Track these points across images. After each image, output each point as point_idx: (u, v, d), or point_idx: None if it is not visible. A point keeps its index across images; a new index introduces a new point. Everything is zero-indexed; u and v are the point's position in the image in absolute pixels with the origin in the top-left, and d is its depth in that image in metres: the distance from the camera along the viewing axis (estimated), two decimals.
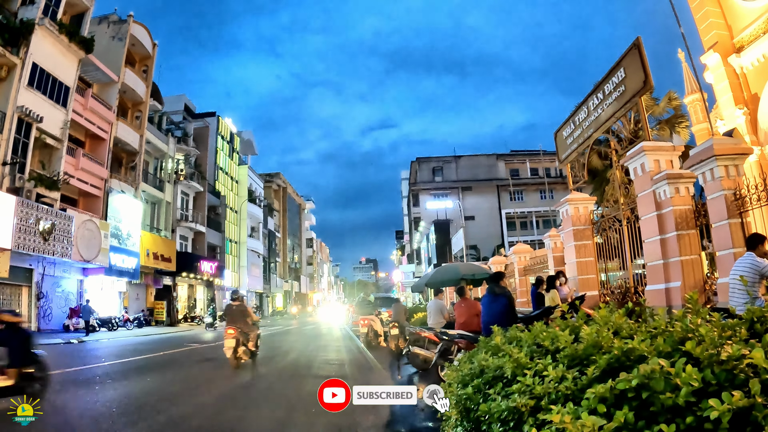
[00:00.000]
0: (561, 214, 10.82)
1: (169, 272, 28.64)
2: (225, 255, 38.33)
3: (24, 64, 17.94)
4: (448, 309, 9.85)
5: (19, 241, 16.53)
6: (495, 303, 5.88)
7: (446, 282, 12.26)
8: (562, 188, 35.63)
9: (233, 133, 43.70)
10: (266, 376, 8.25)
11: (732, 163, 6.29)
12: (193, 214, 33.35)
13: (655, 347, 1.59)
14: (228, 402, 5.88)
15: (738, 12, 10.65)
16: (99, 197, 22.87)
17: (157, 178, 29.46)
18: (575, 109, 10.62)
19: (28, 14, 18.30)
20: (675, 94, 18.07)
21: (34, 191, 18.07)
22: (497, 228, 43.22)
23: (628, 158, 8.10)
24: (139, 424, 4.84)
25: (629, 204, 8.67)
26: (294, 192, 66.57)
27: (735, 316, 1.81)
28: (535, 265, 13.64)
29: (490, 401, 1.89)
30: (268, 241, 49.94)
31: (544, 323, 2.64)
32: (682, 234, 7.09)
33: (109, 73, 23.58)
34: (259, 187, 49.94)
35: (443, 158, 49.01)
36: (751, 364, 1.34)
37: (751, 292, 3.99)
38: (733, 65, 10.70)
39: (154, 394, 6.37)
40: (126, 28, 25.65)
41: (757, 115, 10.26)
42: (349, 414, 4.78)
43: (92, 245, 20.76)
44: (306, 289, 68.54)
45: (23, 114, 17.64)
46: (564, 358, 1.87)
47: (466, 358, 2.67)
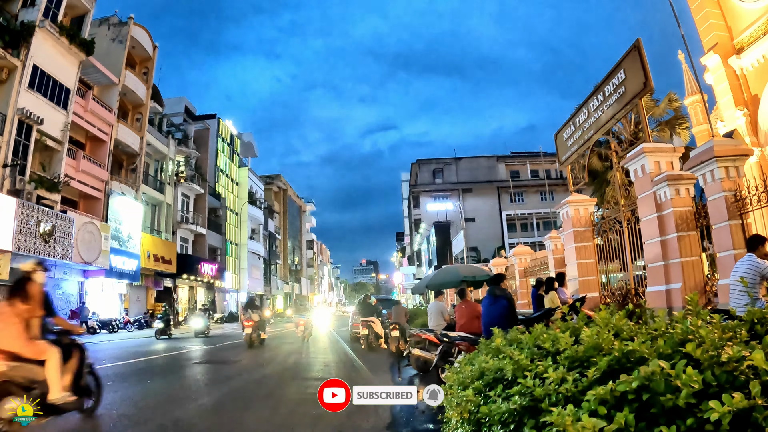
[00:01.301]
0: (561, 216, 10.81)
1: (169, 274, 28.66)
2: (225, 257, 38.35)
3: (24, 66, 17.99)
4: (448, 311, 9.84)
5: (19, 242, 16.55)
6: (495, 305, 5.87)
7: (447, 284, 12.24)
8: (562, 190, 35.61)
9: (234, 135, 43.77)
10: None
11: (732, 164, 6.29)
12: (193, 216, 33.39)
13: (655, 349, 1.59)
14: (228, 402, 5.87)
15: (738, 13, 10.66)
16: (99, 199, 22.90)
17: (158, 180, 29.49)
18: (575, 111, 10.63)
19: (29, 16, 18.35)
20: (675, 95, 18.10)
21: (34, 193, 18.09)
22: (497, 230, 43.22)
23: (629, 160, 8.10)
24: (140, 426, 4.83)
25: (630, 205, 8.67)
26: (294, 194, 66.62)
27: (735, 318, 1.81)
28: (535, 267, 13.62)
29: (490, 403, 1.89)
30: (268, 243, 49.96)
31: (545, 325, 2.64)
32: (683, 235, 7.09)
33: (109, 75, 23.63)
34: (260, 189, 49.98)
35: (443, 160, 49.07)
36: (751, 365, 1.34)
37: (752, 293, 3.99)
38: (734, 66, 10.71)
39: (155, 396, 6.36)
40: (126, 30, 25.73)
41: (758, 116, 10.27)
42: (348, 415, 4.78)
43: (93, 247, 20.77)
44: (306, 291, 68.53)
45: (24, 116, 17.67)
46: (564, 360, 1.87)
47: (467, 360, 2.67)
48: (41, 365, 4.07)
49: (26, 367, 3.99)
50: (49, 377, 4.07)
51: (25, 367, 3.99)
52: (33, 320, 4.21)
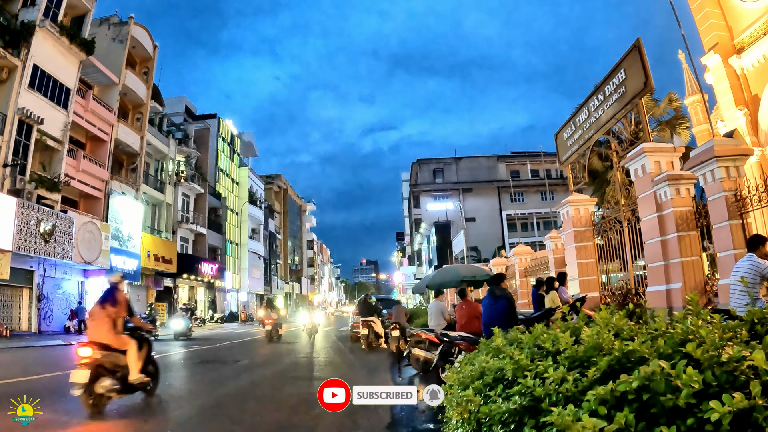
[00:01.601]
0: (562, 216, 10.81)
1: (169, 274, 28.66)
2: (226, 257, 38.35)
3: (25, 66, 17.99)
4: (448, 311, 9.84)
5: (20, 242, 16.55)
6: (496, 305, 5.87)
7: (447, 284, 12.25)
8: (562, 190, 35.61)
9: (234, 135, 43.75)
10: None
11: (733, 164, 6.28)
12: (193, 215, 33.39)
13: (655, 349, 1.59)
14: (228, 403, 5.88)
15: (738, 13, 10.65)
16: (100, 199, 22.89)
17: (158, 180, 29.49)
18: (576, 111, 10.63)
19: (29, 16, 18.34)
20: (675, 95, 18.09)
21: (34, 193, 18.09)
22: (498, 229, 43.21)
23: (629, 159, 8.09)
24: (142, 424, 4.83)
25: (630, 205, 8.66)
26: (295, 194, 66.60)
27: (736, 318, 1.81)
28: (535, 267, 13.63)
29: (490, 403, 1.89)
30: (268, 242, 49.94)
31: (545, 325, 2.64)
32: (683, 235, 7.09)
33: (109, 75, 23.62)
34: (260, 189, 49.97)
35: (444, 160, 49.05)
36: (751, 365, 1.34)
37: (752, 293, 3.98)
38: (734, 66, 10.70)
39: (155, 396, 6.35)
40: (127, 30, 25.71)
41: (758, 116, 10.26)
42: (349, 415, 4.77)
43: (93, 247, 20.77)
44: (307, 290, 68.53)
45: (24, 116, 17.67)
46: (565, 360, 1.87)
47: (467, 360, 2.67)
48: (124, 354, 5.28)
49: (114, 355, 5.22)
50: (130, 363, 5.27)
51: (113, 355, 5.22)
52: (119, 320, 5.37)
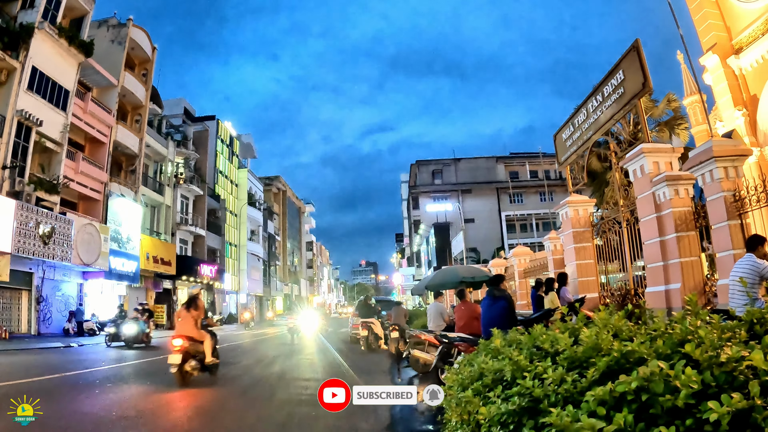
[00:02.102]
0: (561, 217, 10.81)
1: (169, 276, 28.63)
2: (225, 258, 38.31)
3: (24, 68, 17.99)
4: (448, 312, 9.83)
5: (18, 244, 16.52)
6: (495, 306, 5.87)
7: (446, 285, 12.24)
8: (561, 190, 35.62)
9: (233, 137, 43.76)
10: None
11: (731, 164, 6.29)
12: (192, 217, 33.36)
13: (654, 349, 1.59)
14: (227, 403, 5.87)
15: (737, 13, 10.68)
16: (99, 201, 22.87)
17: (157, 182, 29.47)
18: (574, 112, 10.64)
19: (28, 18, 18.35)
20: (674, 95, 18.11)
21: (33, 195, 18.08)
22: (497, 230, 43.24)
23: (628, 160, 8.10)
24: (139, 427, 4.82)
25: (629, 206, 8.67)
26: (294, 195, 66.60)
27: (735, 318, 1.81)
28: (535, 268, 13.62)
29: (490, 404, 1.89)
30: (268, 244, 49.93)
31: (544, 326, 2.64)
32: (682, 236, 7.09)
33: (108, 77, 23.63)
34: (259, 191, 49.97)
35: (443, 161, 49.11)
36: (750, 366, 1.34)
37: (751, 293, 3.99)
38: (732, 67, 10.72)
39: (155, 397, 6.34)
40: (125, 32, 25.72)
41: (756, 116, 10.28)
42: (348, 416, 4.76)
43: (92, 249, 20.75)
44: (306, 292, 68.50)
45: (23, 118, 17.66)
46: (563, 361, 1.87)
47: (466, 361, 2.67)
48: (201, 344, 7.36)
49: (196, 344, 7.28)
50: (206, 350, 7.37)
51: (195, 344, 7.28)
52: (199, 319, 7.52)
